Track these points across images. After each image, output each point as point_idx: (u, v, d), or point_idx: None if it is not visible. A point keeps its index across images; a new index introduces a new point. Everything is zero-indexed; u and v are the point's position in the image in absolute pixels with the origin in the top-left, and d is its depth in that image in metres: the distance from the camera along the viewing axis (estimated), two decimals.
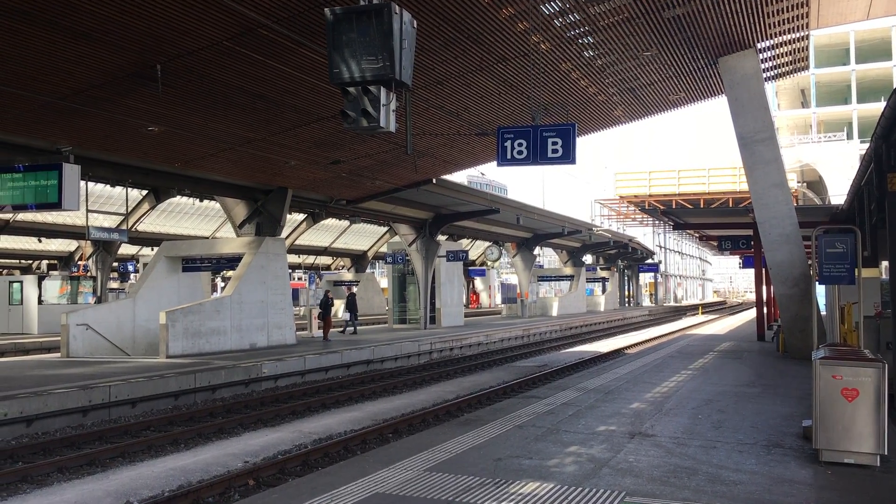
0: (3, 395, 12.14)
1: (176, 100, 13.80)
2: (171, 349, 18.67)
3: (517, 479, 6.61)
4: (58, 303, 30.81)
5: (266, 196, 22.49)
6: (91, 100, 13.37)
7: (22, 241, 36.14)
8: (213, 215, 35.88)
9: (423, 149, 19.18)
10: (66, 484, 9.18)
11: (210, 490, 8.51)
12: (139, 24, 10.78)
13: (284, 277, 22.77)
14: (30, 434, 11.80)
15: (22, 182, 14.32)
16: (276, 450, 10.84)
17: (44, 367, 16.88)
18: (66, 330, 19.36)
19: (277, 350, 20.55)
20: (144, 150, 17.40)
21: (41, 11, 9.99)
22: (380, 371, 20.17)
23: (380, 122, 7.16)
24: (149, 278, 22.26)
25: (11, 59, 11.45)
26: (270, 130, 16.57)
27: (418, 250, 30.96)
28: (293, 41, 11.68)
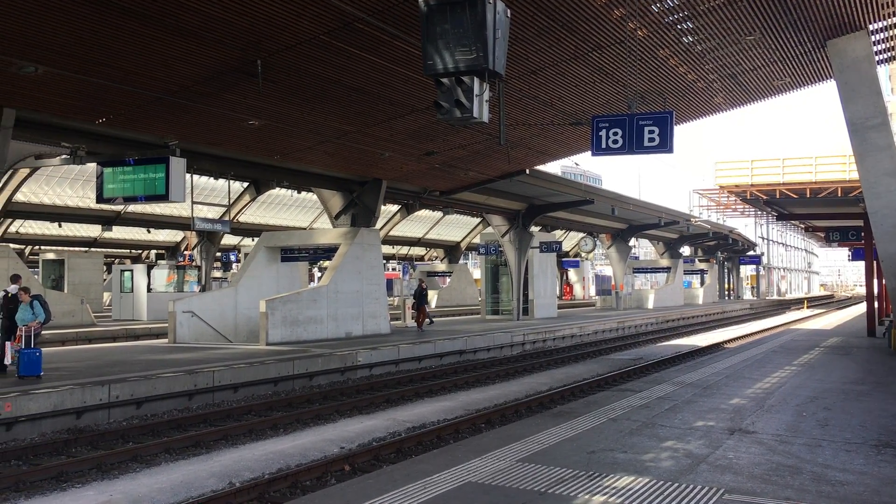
0: (115, 378, 12.77)
1: (275, 94, 14.17)
2: (271, 337, 19.24)
3: (611, 472, 6.53)
4: (165, 291, 32.17)
5: (361, 187, 22.86)
6: (196, 95, 13.87)
7: (133, 231, 37.94)
8: (310, 207, 36.79)
9: (516, 139, 19.10)
10: (172, 464, 9.59)
11: (308, 474, 8.73)
12: (241, 21, 11.11)
13: (379, 268, 23.13)
14: (139, 416, 12.38)
15: (132, 175, 15.00)
16: (370, 437, 11.03)
17: (152, 353, 17.67)
18: (173, 317, 20.21)
19: (372, 339, 20.90)
20: (245, 143, 17.96)
21: (151, 10, 10.41)
22: (472, 361, 20.25)
23: (473, 113, 7.17)
24: (249, 268, 22.98)
25: (123, 57, 11.99)
26: (366, 123, 16.81)
27: (511, 241, 30.89)
28: (388, 34, 11.80)
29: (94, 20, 10.62)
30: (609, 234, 44.14)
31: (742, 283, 74.65)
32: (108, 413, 11.98)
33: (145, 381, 12.79)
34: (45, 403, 11.17)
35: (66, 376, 13.06)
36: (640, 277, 62.61)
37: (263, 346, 18.92)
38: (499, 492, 5.92)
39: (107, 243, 39.26)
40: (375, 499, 5.76)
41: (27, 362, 12.73)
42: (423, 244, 47.47)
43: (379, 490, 6.02)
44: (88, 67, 12.26)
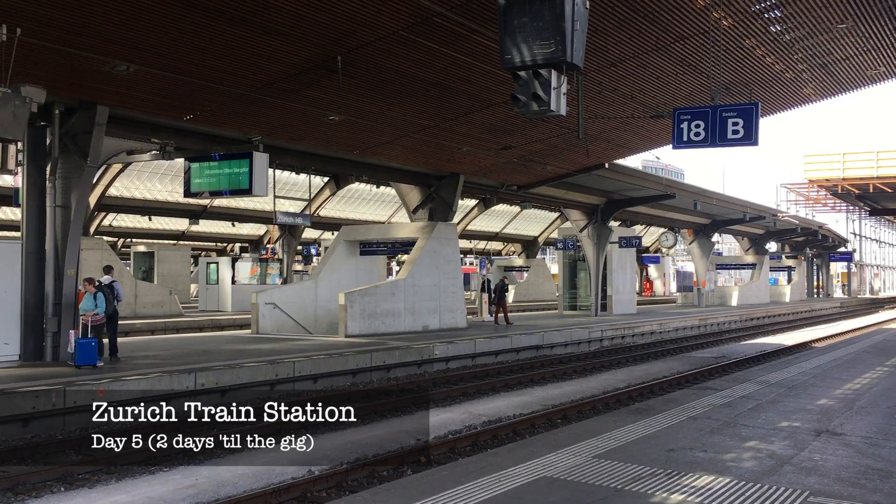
0: (201, 366, 13.19)
1: (355, 89, 14.36)
2: (350, 329, 19.55)
3: (690, 471, 6.41)
4: (248, 283, 33.03)
5: (439, 182, 22.97)
6: (279, 92, 14.18)
7: (218, 225, 39.09)
8: (388, 201, 37.17)
9: (594, 133, 18.86)
10: (253, 451, 9.84)
11: (384, 464, 8.86)
12: (322, 18, 11.30)
13: (456, 262, 23.21)
14: (223, 403, 12.73)
15: (217, 170, 15.42)
16: (446, 429, 11.09)
17: (236, 343, 18.18)
18: (256, 308, 20.74)
19: (449, 333, 21.00)
20: (326, 138, 18.27)
21: (236, 10, 10.69)
22: (549, 357, 20.13)
23: (550, 106, 7.13)
24: (329, 261, 23.38)
25: (211, 56, 12.36)
26: (444, 117, 16.89)
27: (589, 236, 30.55)
28: (467, 28, 11.81)
29: (184, 20, 10.97)
30: (691, 230, 43.16)
31: (832, 281, 71.94)
32: (195, 400, 12.37)
33: (229, 370, 13.17)
34: (135, 389, 11.62)
35: (156, 364, 13.57)
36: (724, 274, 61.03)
37: (342, 337, 19.23)
38: (574, 487, 5.89)
39: (194, 236, 40.54)
40: (450, 490, 5.81)
41: (83, 352, 12.93)
42: (501, 239, 47.41)
43: (454, 482, 6.06)
44: (177, 66, 12.69)
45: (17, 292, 13.40)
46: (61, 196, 14.07)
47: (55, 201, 14.00)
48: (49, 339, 13.73)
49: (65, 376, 11.90)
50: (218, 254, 45.09)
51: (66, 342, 13.83)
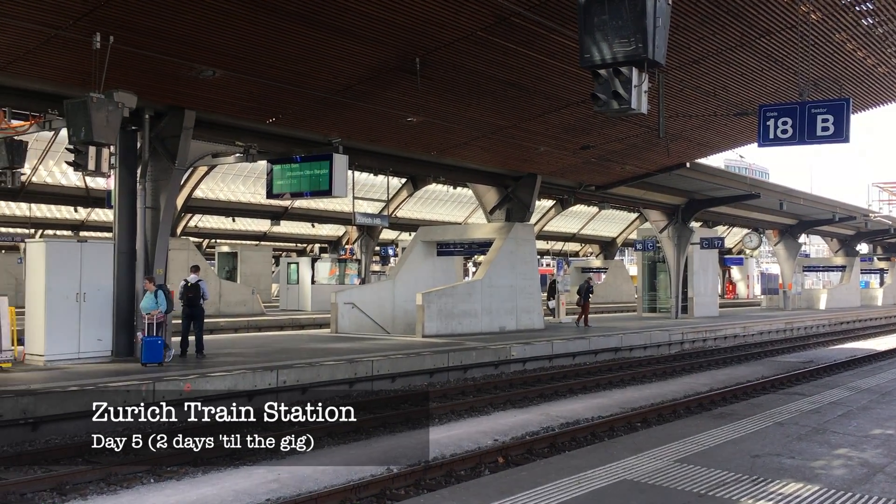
0: (283, 364, 13.48)
1: (433, 91, 14.45)
2: (427, 329, 19.66)
3: (777, 478, 6.22)
4: (327, 283, 33.59)
5: (516, 182, 22.90)
6: (357, 94, 14.38)
7: (298, 226, 39.88)
8: (465, 202, 37.24)
9: (675, 131, 18.48)
10: (335, 448, 10.02)
11: (462, 464, 8.88)
12: (401, 20, 11.41)
13: (533, 263, 23.10)
14: (304, 401, 12.98)
15: (299, 172, 15.72)
16: (524, 430, 11.04)
17: (316, 341, 18.51)
18: (335, 308, 21.07)
19: (525, 334, 20.90)
20: (404, 139, 18.43)
21: (318, 14, 10.90)
22: (628, 359, 19.83)
23: (631, 104, 7.03)
24: (406, 261, 23.58)
25: (292, 60, 12.63)
26: (521, 117, 16.83)
27: (670, 237, 29.96)
28: (545, 27, 11.75)
29: (267, 25, 11.24)
30: (776, 231, 41.83)
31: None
32: (277, 397, 12.66)
33: (310, 367, 13.42)
34: (221, 385, 11.96)
35: (239, 362, 13.93)
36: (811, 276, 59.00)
37: (420, 337, 19.36)
38: (656, 491, 5.79)
39: (275, 237, 41.47)
40: (529, 491, 5.78)
41: (149, 350, 13.11)
42: (578, 240, 46.94)
43: (532, 482, 6.03)
44: (260, 70, 13.01)
45: (109, 290, 13.94)
46: (151, 198, 14.60)
47: (145, 203, 14.52)
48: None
49: (153, 372, 12.34)
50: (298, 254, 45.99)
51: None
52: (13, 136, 13.96)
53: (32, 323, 13.25)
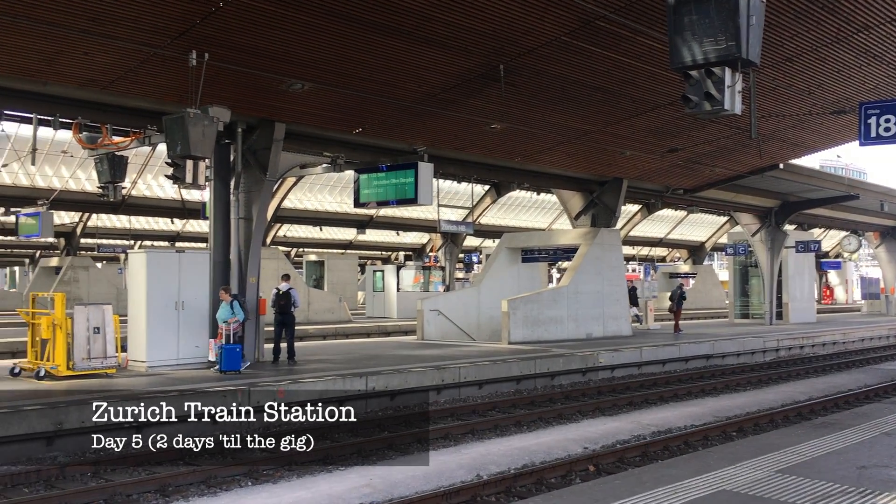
0: (371, 370, 13.66)
1: (516, 97, 14.43)
2: (513, 336, 19.60)
3: (886, 490, 5.94)
4: (412, 290, 33.88)
5: (601, 187, 22.62)
6: (442, 102, 14.49)
7: (383, 234, 40.43)
8: (549, 208, 37.03)
9: (768, 132, 17.93)
10: (424, 454, 10.08)
11: (552, 471, 8.81)
12: (485, 28, 11.45)
13: (620, 268, 22.77)
14: (393, 406, 13.15)
15: (385, 181, 15.93)
16: (614, 438, 10.87)
17: (402, 348, 18.68)
18: (421, 315, 21.23)
19: (613, 340, 20.60)
20: (488, 146, 18.46)
21: (403, 25, 11.05)
22: (720, 367, 19.30)
23: (724, 105, 6.86)
24: (491, 268, 23.58)
25: (378, 71, 12.83)
26: (606, 121, 16.64)
27: (762, 240, 29.04)
28: (630, 30, 11.59)
29: (354, 38, 11.46)
30: (877, 233, 40.01)
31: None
32: (366, 403, 12.85)
33: (398, 374, 13.56)
34: (312, 391, 12.19)
35: (329, 368, 14.19)
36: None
37: (505, 344, 19.32)
38: (757, 502, 5.61)
39: (360, 245, 42.13)
40: (625, 499, 5.69)
41: (228, 358, 13.30)
42: (665, 244, 46.02)
43: (628, 491, 5.94)
44: (347, 81, 13.26)
45: (206, 298, 14.40)
46: (244, 208, 15.04)
47: (238, 213, 14.97)
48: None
49: (249, 378, 12.69)
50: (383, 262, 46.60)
51: (251, 346, 14.73)
52: (115, 152, 14.63)
53: (135, 330, 13.81)
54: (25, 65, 11.85)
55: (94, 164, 15.84)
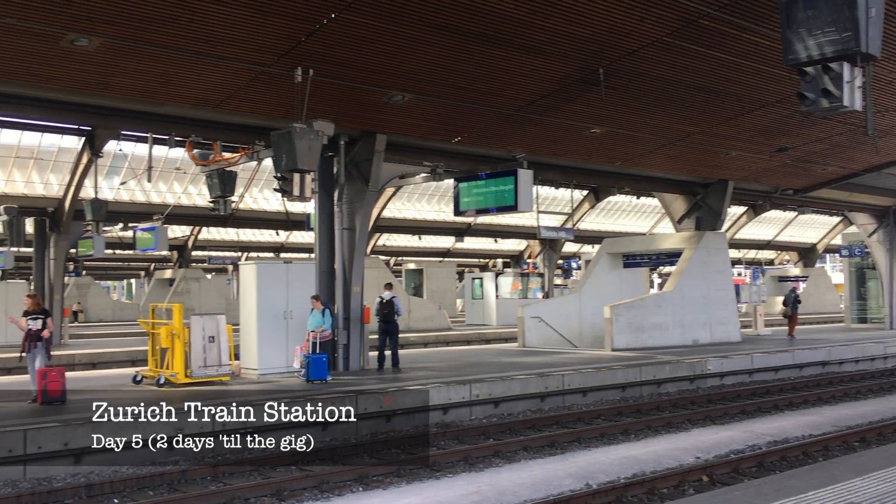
0: (474, 378, 13.70)
1: (616, 101, 14.23)
2: (616, 342, 19.30)
3: None
4: (510, 297, 33.81)
5: (705, 189, 22.03)
6: (541, 108, 14.44)
7: (481, 241, 40.53)
8: (649, 211, 36.34)
9: (885, 127, 17.05)
10: (531, 462, 10.04)
11: (664, 481, 8.62)
12: (584, 33, 11.35)
13: (726, 273, 22.13)
14: (497, 414, 13.14)
15: (484, 188, 15.97)
16: (727, 448, 10.54)
17: (504, 355, 18.66)
18: (522, 322, 21.16)
19: (721, 347, 20.00)
20: (587, 151, 18.27)
21: (502, 33, 11.08)
22: (838, 374, 18.45)
23: (843, 101, 6.59)
24: (592, 274, 23.29)
25: (477, 79, 12.90)
26: (709, 122, 16.21)
27: (880, 241, 27.63)
28: (736, 27, 11.26)
29: (453, 48, 11.57)
30: None
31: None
32: (470, 410, 12.90)
33: (501, 381, 13.55)
34: (417, 399, 12.32)
35: (432, 375, 14.31)
36: None
37: (608, 351, 19.03)
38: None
39: (458, 253, 42.37)
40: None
41: (316, 367, 13.17)
42: (773, 247, 44.40)
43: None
44: (446, 91, 13.38)
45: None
46: (347, 219, 15.37)
47: (342, 224, 15.31)
48: (341, 350, 14.96)
49: (355, 385, 12.94)
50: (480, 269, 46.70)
51: (356, 354, 15.03)
52: (225, 167, 15.21)
53: (246, 339, 14.30)
54: (143, 87, 12.48)
55: (206, 180, 16.46)
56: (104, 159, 21.11)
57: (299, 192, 12.19)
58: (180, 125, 14.21)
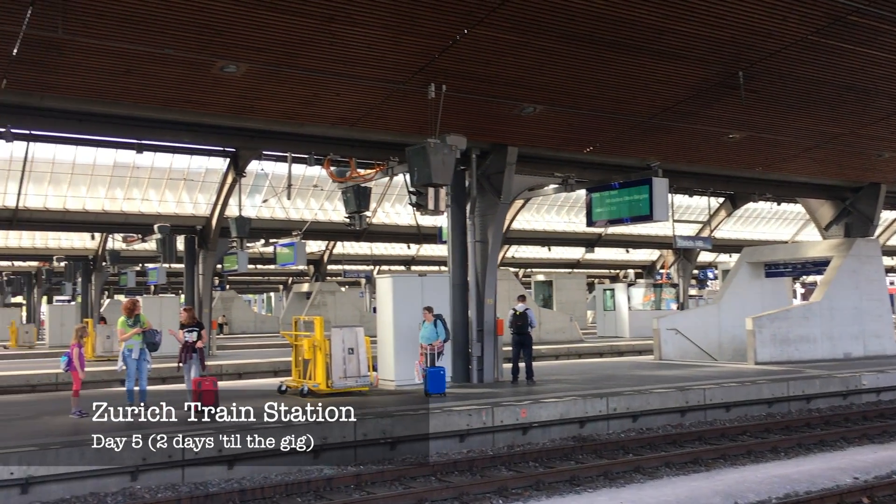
0: (611, 391, 13.46)
1: (756, 104, 13.69)
2: (759, 355, 18.48)
3: None
4: (643, 309, 33.05)
5: (855, 194, 20.81)
6: (676, 115, 14.07)
7: (611, 252, 39.87)
8: (791, 218, 34.75)
9: None
10: (674, 478, 9.74)
11: (820, 503, 8.17)
12: (722, 35, 11.01)
13: (880, 282, 20.79)
14: (635, 428, 12.84)
15: (617, 198, 15.72)
16: (888, 469, 9.87)
17: (639, 368, 18.23)
18: (658, 334, 20.62)
19: (875, 360, 18.79)
20: (725, 157, 17.66)
21: (637, 40, 10.90)
22: None
23: None
24: (731, 284, 22.44)
25: (609, 88, 12.75)
26: (859, 122, 15.33)
27: None
28: (889, 22, 10.62)
29: (586, 58, 11.49)
30: None
31: None
32: (607, 424, 12.66)
33: (639, 395, 13.24)
34: (553, 412, 12.22)
35: (567, 388, 14.16)
36: None
37: (751, 365, 18.25)
38: None
39: (587, 264, 41.83)
40: None
41: (433, 381, 13.02)
42: None
43: None
44: (579, 101, 13.29)
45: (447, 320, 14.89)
46: (479, 232, 15.47)
47: (475, 237, 15.43)
48: (474, 362, 15.06)
49: (490, 397, 12.97)
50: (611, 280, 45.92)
51: (490, 366, 15.07)
52: (360, 184, 15.65)
53: (383, 351, 14.61)
54: (285, 109, 13.05)
55: (341, 196, 17.00)
56: (247, 178, 22.23)
57: (434, 206, 12.38)
58: (318, 144, 14.77)
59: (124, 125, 13.59)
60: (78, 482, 8.85)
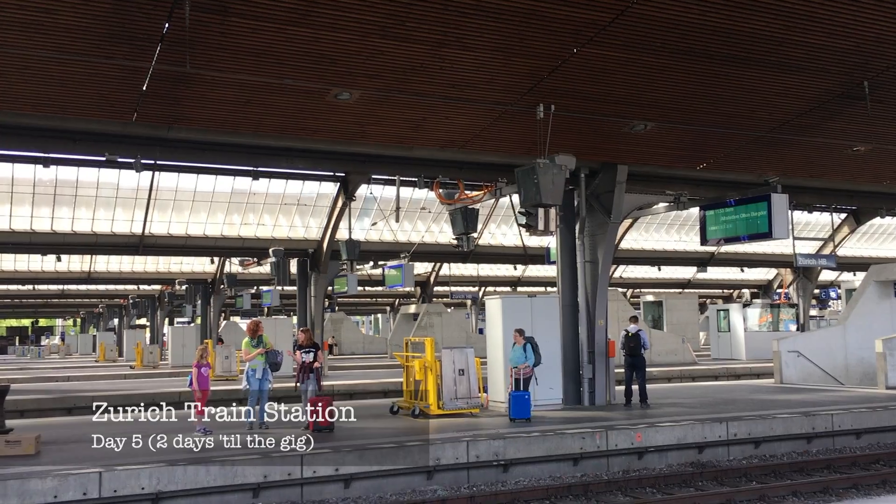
0: (731, 416, 12.96)
1: (884, 114, 13.01)
2: (890, 379, 17.39)
3: None
4: (759, 330, 31.75)
5: None
6: (795, 128, 13.52)
7: (723, 271, 38.58)
8: None
9: None
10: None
11: None
12: (846, 45, 10.52)
13: None
14: (758, 455, 12.30)
15: (733, 216, 15.24)
16: None
17: (759, 392, 17.49)
18: (778, 356, 19.76)
19: None
20: (849, 171, 16.86)
21: (753, 53, 10.56)
22: None
23: None
24: (858, 304, 21.25)
25: (723, 102, 12.37)
26: None
27: None
28: None
29: (699, 73, 11.19)
30: None
31: None
32: (727, 450, 12.19)
33: (761, 420, 12.70)
34: (670, 436, 11.86)
35: (683, 412, 13.72)
36: None
37: (882, 389, 17.21)
38: None
39: (699, 284, 40.59)
40: None
41: (517, 405, 12.66)
42: None
43: None
44: (691, 117, 12.95)
45: (556, 341, 14.76)
46: (589, 252, 15.28)
47: (584, 257, 15.24)
48: (586, 384, 14.82)
49: (603, 420, 12.71)
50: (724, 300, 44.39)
51: (602, 388, 14.79)
52: (468, 205, 15.75)
53: (494, 372, 14.56)
54: (396, 133, 13.28)
55: (449, 217, 17.14)
56: (356, 202, 22.71)
57: (544, 227, 12.33)
58: (427, 166, 14.98)
59: (243, 153, 14.20)
60: (203, 497, 9.18)
